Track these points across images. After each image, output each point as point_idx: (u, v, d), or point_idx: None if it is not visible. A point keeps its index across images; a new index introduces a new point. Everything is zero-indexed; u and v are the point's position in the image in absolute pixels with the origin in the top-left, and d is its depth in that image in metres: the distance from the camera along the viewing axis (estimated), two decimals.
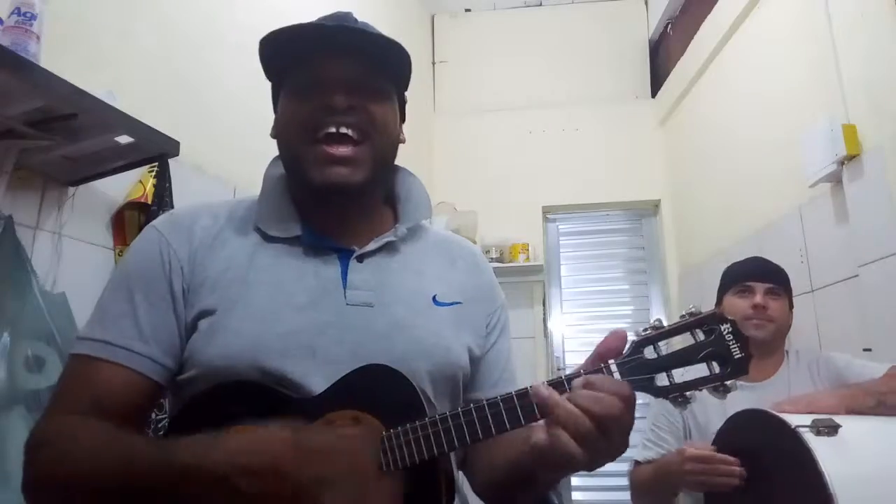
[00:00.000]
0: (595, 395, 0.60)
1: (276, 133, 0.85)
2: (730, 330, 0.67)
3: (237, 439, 0.63)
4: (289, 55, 0.81)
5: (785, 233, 2.29)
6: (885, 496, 1.02)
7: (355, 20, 0.84)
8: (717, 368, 0.66)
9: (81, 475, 0.66)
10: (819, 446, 1.04)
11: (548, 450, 0.60)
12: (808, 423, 1.09)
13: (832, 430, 1.07)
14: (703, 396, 0.67)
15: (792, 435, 1.08)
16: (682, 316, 0.68)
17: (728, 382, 0.65)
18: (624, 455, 0.66)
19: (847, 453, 1.06)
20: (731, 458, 1.26)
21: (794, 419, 1.12)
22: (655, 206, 3.76)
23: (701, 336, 0.67)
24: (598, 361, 0.66)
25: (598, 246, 3.81)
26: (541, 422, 0.64)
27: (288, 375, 0.73)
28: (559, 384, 0.64)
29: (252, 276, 0.79)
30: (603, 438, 0.59)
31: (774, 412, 1.18)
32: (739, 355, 0.66)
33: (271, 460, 0.61)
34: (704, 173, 3.20)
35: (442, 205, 3.42)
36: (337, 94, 0.78)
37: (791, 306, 1.67)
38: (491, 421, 0.66)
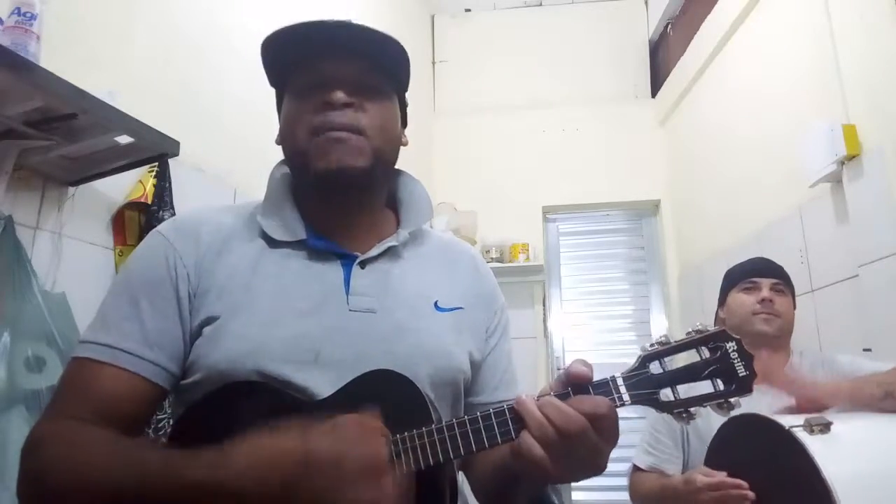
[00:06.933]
0: (559, 407, 0.63)
1: (281, 136, 0.86)
2: (735, 348, 0.68)
3: (248, 452, 0.62)
4: (290, 58, 0.82)
5: (785, 233, 2.29)
6: (883, 492, 1.03)
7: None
8: (721, 385, 0.67)
9: (80, 482, 0.65)
10: (815, 446, 1.05)
11: (519, 451, 0.64)
12: (801, 422, 1.09)
13: (825, 427, 1.07)
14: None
15: (788, 436, 1.09)
16: (689, 333, 0.69)
17: (732, 400, 0.66)
18: (623, 456, 0.66)
19: (842, 451, 1.07)
20: (742, 483, 1.24)
21: (786, 420, 1.12)
22: (655, 206, 3.76)
23: (706, 353, 0.68)
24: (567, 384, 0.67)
25: (598, 246, 3.82)
26: None
27: (290, 380, 0.73)
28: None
29: (256, 281, 0.79)
30: (567, 449, 0.62)
31: (766, 415, 1.17)
32: (744, 373, 0.67)
33: (281, 475, 0.60)
34: (704, 173, 3.20)
35: (442, 205, 3.42)
36: (336, 91, 0.79)
37: (794, 306, 1.67)
38: (497, 430, 0.68)
